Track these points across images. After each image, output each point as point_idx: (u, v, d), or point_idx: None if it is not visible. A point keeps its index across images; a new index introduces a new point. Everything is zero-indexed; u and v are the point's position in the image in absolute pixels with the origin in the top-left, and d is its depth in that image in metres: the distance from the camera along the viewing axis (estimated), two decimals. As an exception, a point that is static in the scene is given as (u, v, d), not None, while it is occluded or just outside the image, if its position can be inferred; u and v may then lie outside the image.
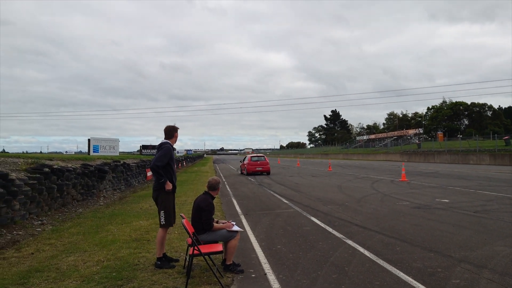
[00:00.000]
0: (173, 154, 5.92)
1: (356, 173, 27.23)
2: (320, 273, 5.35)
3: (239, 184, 20.53)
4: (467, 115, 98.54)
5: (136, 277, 5.20)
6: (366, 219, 9.32)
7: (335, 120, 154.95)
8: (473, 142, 52.77)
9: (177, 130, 6.04)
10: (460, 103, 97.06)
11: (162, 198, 5.81)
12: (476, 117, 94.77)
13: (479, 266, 5.48)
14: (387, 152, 69.04)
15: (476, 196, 13.09)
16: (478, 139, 53.47)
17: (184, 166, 47.81)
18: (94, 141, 25.62)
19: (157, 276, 5.24)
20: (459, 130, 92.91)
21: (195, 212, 5.57)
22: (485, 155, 42.88)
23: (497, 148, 44.73)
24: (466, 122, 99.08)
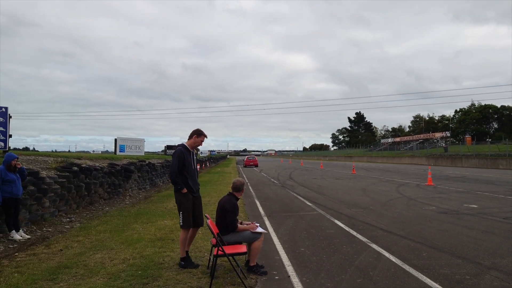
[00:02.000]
0: (187, 155, 5.93)
1: (380, 176, 26.84)
2: (344, 277, 5.30)
3: (262, 186, 20.54)
4: (496, 119, 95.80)
5: (161, 276, 5.28)
6: (391, 223, 9.18)
7: (359, 123, 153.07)
8: (503, 146, 51.20)
9: (198, 134, 6.09)
10: (489, 106, 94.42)
11: (180, 199, 5.88)
12: (506, 121, 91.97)
13: (509, 274, 5.32)
14: (413, 156, 67.79)
15: (506, 202, 12.71)
16: (508, 143, 51.85)
17: (207, 167, 48.17)
18: (120, 141, 26.13)
19: (181, 275, 5.30)
20: (488, 133, 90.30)
21: (220, 213, 5.62)
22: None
23: (528, 153, 43.27)
24: (495, 126, 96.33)
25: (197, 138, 6.09)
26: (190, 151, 6.05)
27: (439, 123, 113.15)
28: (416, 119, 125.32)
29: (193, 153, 6.11)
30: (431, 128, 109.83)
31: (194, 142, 6.08)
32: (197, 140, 6.09)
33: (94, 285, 4.92)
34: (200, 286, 4.89)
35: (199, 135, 6.10)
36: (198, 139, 6.09)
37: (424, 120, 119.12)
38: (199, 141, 6.10)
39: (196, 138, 6.08)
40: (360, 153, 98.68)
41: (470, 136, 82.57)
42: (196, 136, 6.08)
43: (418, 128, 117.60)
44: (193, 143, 6.08)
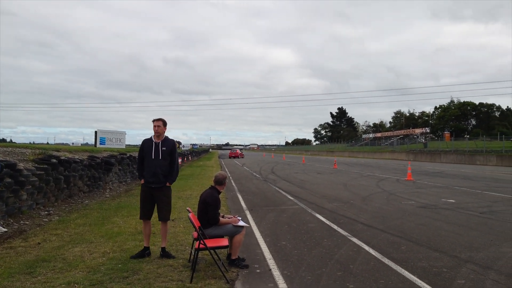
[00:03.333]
0: (146, 146, 5.94)
1: (361, 171, 27.16)
2: (324, 270, 5.35)
3: (244, 180, 20.55)
4: (474, 115, 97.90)
5: (141, 269, 5.24)
6: (372, 217, 9.30)
7: (341, 118, 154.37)
8: (480, 143, 52.40)
9: (153, 120, 6.01)
10: (468, 103, 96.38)
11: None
12: (484, 118, 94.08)
13: (485, 267, 5.46)
14: (393, 151, 68.76)
15: (483, 197, 13.01)
16: (485, 139, 53.09)
17: (189, 160, 47.92)
18: (101, 133, 25.75)
19: (162, 269, 5.26)
20: (466, 130, 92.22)
21: (201, 207, 5.59)
22: (492, 156, 42.59)
23: (504, 149, 44.39)
24: (473, 123, 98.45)
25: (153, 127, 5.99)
26: (153, 141, 5.93)
27: (419, 119, 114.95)
28: (397, 115, 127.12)
29: (158, 144, 5.92)
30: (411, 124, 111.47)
31: (154, 129, 6.00)
32: (153, 129, 6.00)
33: (73, 278, 4.85)
34: (181, 280, 4.87)
35: (153, 122, 6.01)
36: (153, 127, 5.99)
37: (404, 116, 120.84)
38: (153, 128, 5.98)
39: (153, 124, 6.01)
40: (342, 148, 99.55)
41: (449, 132, 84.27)
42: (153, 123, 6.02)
43: (399, 124, 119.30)
44: (154, 130, 5.99)
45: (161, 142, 5.95)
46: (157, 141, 5.95)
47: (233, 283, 4.87)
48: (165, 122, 6.08)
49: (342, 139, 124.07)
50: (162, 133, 6.00)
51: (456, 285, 4.75)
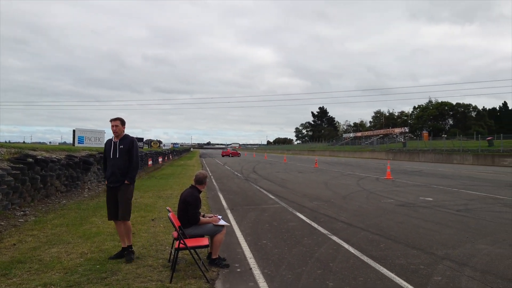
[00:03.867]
0: (107, 146, 5.91)
1: (342, 170, 27.42)
2: (305, 268, 5.38)
3: (226, 179, 20.50)
4: (452, 115, 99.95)
5: (120, 270, 5.17)
6: (351, 215, 9.40)
7: (322, 117, 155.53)
8: (457, 142, 53.54)
9: (110, 120, 5.95)
10: (446, 103, 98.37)
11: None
12: (461, 118, 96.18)
13: (461, 263, 5.58)
14: (373, 150, 69.64)
15: (459, 195, 13.30)
16: (462, 139, 54.26)
17: (170, 160, 47.55)
18: (79, 132, 25.31)
19: (141, 269, 5.21)
20: (444, 130, 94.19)
21: (182, 206, 5.55)
22: (469, 155, 43.58)
23: (480, 149, 45.48)
24: (451, 122, 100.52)
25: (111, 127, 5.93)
26: (112, 141, 5.89)
27: (398, 119, 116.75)
28: (377, 115, 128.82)
29: (116, 143, 5.85)
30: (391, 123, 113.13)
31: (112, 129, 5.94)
32: (111, 128, 5.94)
33: (49, 280, 4.75)
34: (161, 280, 4.82)
35: (111, 122, 5.93)
36: (111, 127, 5.92)
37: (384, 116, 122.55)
38: (111, 128, 5.91)
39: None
40: (323, 147, 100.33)
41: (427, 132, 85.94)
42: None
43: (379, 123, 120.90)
44: (112, 130, 5.92)
45: (119, 141, 5.87)
46: (116, 140, 5.89)
47: (213, 282, 4.85)
48: (123, 121, 5.99)
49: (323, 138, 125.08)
50: (120, 132, 5.91)
51: (433, 282, 4.84)
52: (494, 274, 5.13)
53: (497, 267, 5.43)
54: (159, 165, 34.46)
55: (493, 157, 40.17)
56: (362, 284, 4.77)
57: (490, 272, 5.22)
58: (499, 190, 15.13)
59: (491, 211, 10.04)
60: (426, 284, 4.76)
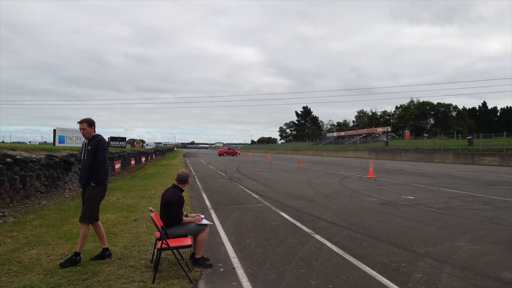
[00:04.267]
0: (82, 148, 5.87)
1: (325, 169, 27.60)
2: (288, 267, 5.39)
3: (209, 179, 20.43)
4: (433, 115, 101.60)
5: (101, 271, 5.10)
6: (334, 214, 9.46)
7: (306, 117, 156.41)
8: (438, 141, 54.46)
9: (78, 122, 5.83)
10: (427, 103, 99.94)
11: None
12: (442, 117, 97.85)
13: (441, 261, 5.67)
14: (356, 149, 70.30)
15: (440, 194, 13.52)
16: (443, 138, 55.22)
17: (153, 159, 47.17)
18: (60, 131, 24.90)
19: (123, 270, 5.15)
20: (425, 129, 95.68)
21: (165, 206, 5.50)
22: (449, 154, 44.36)
23: (460, 148, 46.37)
24: (432, 122, 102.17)
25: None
26: (84, 142, 5.83)
27: (381, 119, 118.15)
28: (360, 114, 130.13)
29: (86, 144, 5.77)
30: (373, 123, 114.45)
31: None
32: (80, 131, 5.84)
33: (29, 282, 4.66)
34: (143, 280, 4.78)
35: (79, 124, 5.81)
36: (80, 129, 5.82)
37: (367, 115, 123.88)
38: (80, 130, 5.81)
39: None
40: (307, 147, 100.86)
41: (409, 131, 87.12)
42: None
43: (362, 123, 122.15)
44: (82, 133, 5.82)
45: (88, 142, 5.77)
46: (86, 141, 5.82)
47: (196, 282, 4.82)
48: (91, 123, 5.83)
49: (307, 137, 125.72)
50: (88, 134, 5.78)
51: (414, 279, 4.91)
52: (473, 271, 5.24)
53: (476, 264, 5.54)
54: (142, 164, 34.15)
55: (473, 156, 40.99)
56: (345, 282, 4.81)
57: (469, 269, 5.32)
58: (478, 188, 15.44)
59: (471, 209, 10.24)
60: (407, 282, 4.82)
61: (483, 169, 29.45)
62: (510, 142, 41.74)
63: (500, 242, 6.80)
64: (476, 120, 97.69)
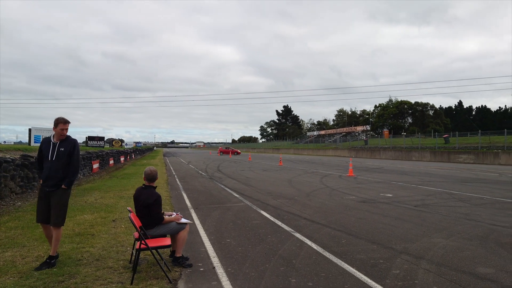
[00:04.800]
0: (44, 146, 5.54)
1: (306, 168, 27.78)
2: (268, 266, 5.41)
3: (190, 178, 20.32)
4: (411, 114, 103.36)
5: (78, 272, 5.01)
6: (315, 212, 9.53)
7: (287, 116, 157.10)
8: (415, 140, 55.46)
9: (56, 124, 5.53)
10: (405, 102, 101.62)
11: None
12: (419, 116, 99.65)
13: (418, 257, 5.78)
14: (336, 148, 70.98)
15: (417, 191, 13.77)
16: (420, 136, 56.31)
17: (132, 159, 46.61)
18: (35, 131, 24.38)
19: (101, 271, 5.07)
20: (403, 128, 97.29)
21: (142, 209, 5.41)
22: (426, 152, 45.23)
23: (437, 146, 47.32)
24: (410, 120, 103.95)
25: (56, 128, 5.53)
26: (52, 142, 5.53)
27: (360, 117, 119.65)
28: (340, 113, 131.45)
29: (56, 144, 5.52)
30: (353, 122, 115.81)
31: (55, 132, 5.58)
32: (56, 130, 5.53)
33: (3, 285, 4.54)
34: (121, 281, 4.71)
35: (56, 125, 5.51)
36: (57, 129, 5.52)
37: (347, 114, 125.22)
38: (58, 130, 5.52)
39: (55, 128, 5.55)
40: (287, 146, 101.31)
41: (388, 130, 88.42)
42: (54, 127, 5.57)
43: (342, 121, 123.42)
44: (55, 133, 5.58)
45: (60, 143, 5.55)
46: (56, 141, 5.56)
47: (175, 282, 4.79)
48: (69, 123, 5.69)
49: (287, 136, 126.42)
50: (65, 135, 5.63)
51: (391, 275, 4.99)
52: (448, 266, 5.35)
53: (451, 259, 5.66)
54: (121, 164, 33.70)
55: (449, 154, 41.89)
56: (324, 280, 4.85)
57: (445, 264, 5.43)
58: (454, 185, 15.79)
59: (447, 206, 10.46)
60: (385, 278, 4.90)
61: (459, 167, 30.14)
62: (485, 141, 42.83)
63: (475, 238, 6.97)
64: (452, 119, 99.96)
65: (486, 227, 7.80)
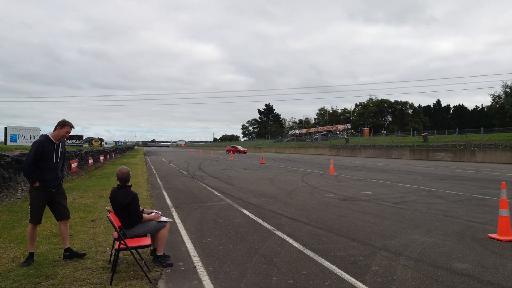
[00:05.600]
0: (47, 147, 5.52)
1: (287, 166, 27.89)
2: (249, 264, 5.41)
3: (171, 177, 20.16)
4: (390, 112, 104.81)
5: (56, 273, 4.92)
6: (296, 211, 9.58)
7: (269, 114, 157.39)
8: (395, 138, 56.29)
9: (62, 125, 5.62)
10: (385, 100, 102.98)
11: (31, 192, 5.54)
12: (399, 115, 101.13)
13: (397, 253, 5.86)
14: (318, 146, 71.48)
15: (396, 189, 13.98)
16: (400, 135, 57.18)
17: (112, 158, 45.99)
18: (11, 130, 23.82)
19: (79, 272, 4.98)
20: (383, 126, 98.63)
21: (121, 209, 5.34)
22: (406, 150, 45.95)
23: (416, 144, 48.14)
24: (390, 119, 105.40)
25: (61, 129, 5.61)
26: (54, 143, 5.59)
27: (341, 116, 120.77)
28: (321, 112, 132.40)
29: (59, 145, 5.65)
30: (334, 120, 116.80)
31: (58, 133, 5.62)
32: (61, 131, 5.61)
33: (-24, 288, 4.42)
34: (100, 282, 4.64)
35: (62, 126, 5.62)
36: (62, 130, 5.60)
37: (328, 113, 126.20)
38: (63, 132, 5.61)
39: (60, 129, 5.61)
40: (269, 144, 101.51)
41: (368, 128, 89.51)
42: (60, 127, 5.62)
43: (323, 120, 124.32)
44: (57, 135, 5.62)
45: (60, 144, 5.72)
46: (58, 143, 5.66)
47: (156, 282, 4.74)
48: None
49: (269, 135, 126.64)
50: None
51: (371, 272, 5.05)
52: (426, 262, 5.45)
53: (429, 255, 5.77)
54: (101, 164, 33.22)
55: (428, 152, 42.66)
56: (305, 277, 4.88)
57: (423, 260, 5.53)
58: (432, 182, 16.09)
59: (425, 203, 10.65)
60: (364, 274, 4.95)
61: (437, 164, 30.72)
62: (462, 139, 43.76)
63: (452, 234, 7.12)
64: (431, 118, 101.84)
65: (463, 223, 7.97)
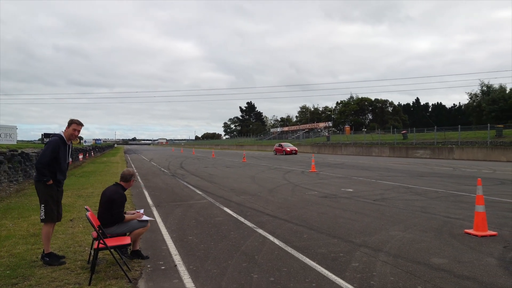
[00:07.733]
0: (62, 148, 5.48)
1: (269, 164, 27.95)
2: (230, 262, 5.41)
3: (152, 175, 19.98)
4: (371, 110, 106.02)
5: (33, 274, 4.82)
6: (277, 208, 9.61)
7: (251, 112, 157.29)
8: (375, 136, 56.95)
9: (75, 123, 5.62)
10: (365, 99, 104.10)
11: (42, 190, 5.42)
12: (379, 113, 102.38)
13: (376, 249, 5.95)
14: (299, 144, 71.76)
15: (376, 186, 14.17)
16: (380, 133, 57.90)
17: (92, 157, 45.31)
18: (-13, 128, 23.17)
19: (57, 272, 4.90)
20: (364, 124, 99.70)
21: (105, 204, 5.28)
22: (386, 147, 46.58)
23: (396, 142, 48.86)
24: (370, 117, 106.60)
25: (68, 128, 5.58)
26: (67, 143, 5.57)
27: (323, 114, 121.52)
28: (303, 110, 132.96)
29: (69, 146, 5.65)
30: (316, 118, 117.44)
31: (67, 132, 5.57)
32: (69, 130, 5.58)
33: (-51, 291, 4.30)
34: (79, 282, 4.58)
35: (69, 125, 5.61)
36: (70, 129, 5.57)
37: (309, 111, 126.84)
38: (71, 130, 5.58)
39: (67, 128, 5.59)
40: (251, 142, 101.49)
41: (349, 126, 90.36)
42: (67, 126, 5.60)
43: (304, 118, 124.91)
44: (67, 133, 5.57)
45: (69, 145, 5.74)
46: (69, 143, 5.68)
47: (136, 282, 4.69)
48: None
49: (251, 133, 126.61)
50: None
51: (351, 268, 5.11)
52: (405, 257, 5.54)
53: (408, 251, 5.87)
54: (80, 162, 32.67)
55: (407, 149, 43.33)
56: (286, 274, 4.90)
57: (401, 256, 5.62)
58: (411, 179, 16.36)
59: (404, 199, 10.82)
60: (344, 271, 5.01)
61: (416, 162, 31.24)
62: (440, 136, 44.58)
63: (430, 230, 7.25)
64: (410, 116, 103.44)
65: (441, 220, 8.13)
